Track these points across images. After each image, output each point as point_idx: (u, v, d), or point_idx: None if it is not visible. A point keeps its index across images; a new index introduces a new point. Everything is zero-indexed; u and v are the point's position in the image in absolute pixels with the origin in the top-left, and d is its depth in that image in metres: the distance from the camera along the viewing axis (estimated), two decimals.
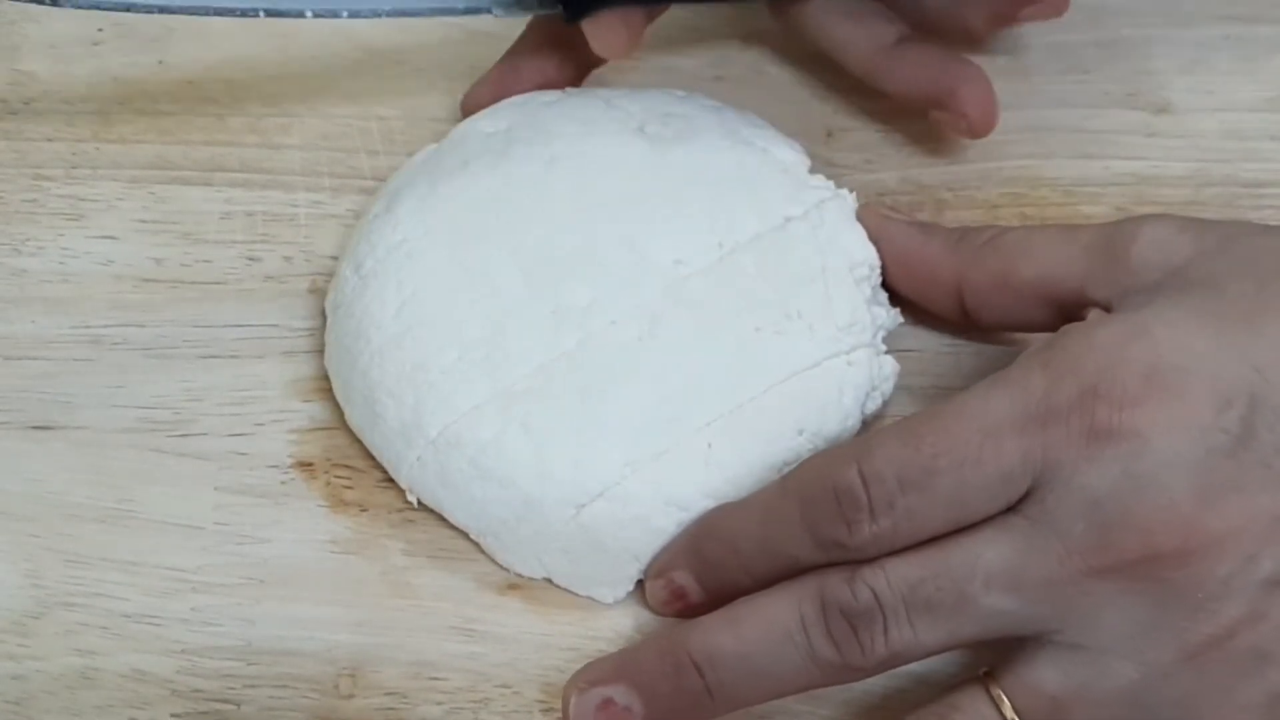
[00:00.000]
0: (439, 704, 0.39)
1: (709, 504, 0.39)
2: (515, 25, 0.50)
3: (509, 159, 0.44)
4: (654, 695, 0.37)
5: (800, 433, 0.40)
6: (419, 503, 0.41)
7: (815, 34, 0.47)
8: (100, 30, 0.50)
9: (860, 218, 0.44)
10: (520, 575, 0.41)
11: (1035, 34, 0.50)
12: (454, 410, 0.40)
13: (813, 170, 0.45)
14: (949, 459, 0.35)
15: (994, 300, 0.42)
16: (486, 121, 0.45)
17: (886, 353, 0.43)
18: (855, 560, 0.36)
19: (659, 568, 0.39)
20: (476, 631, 0.40)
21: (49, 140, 0.47)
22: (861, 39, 0.47)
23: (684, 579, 0.39)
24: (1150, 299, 0.37)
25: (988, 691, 0.36)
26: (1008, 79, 0.49)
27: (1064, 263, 0.40)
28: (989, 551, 0.35)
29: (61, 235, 0.46)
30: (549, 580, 0.40)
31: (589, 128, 0.44)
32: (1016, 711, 0.35)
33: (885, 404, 0.43)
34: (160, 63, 0.49)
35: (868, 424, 0.42)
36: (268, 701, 0.39)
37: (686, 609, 0.39)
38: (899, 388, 0.43)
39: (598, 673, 0.37)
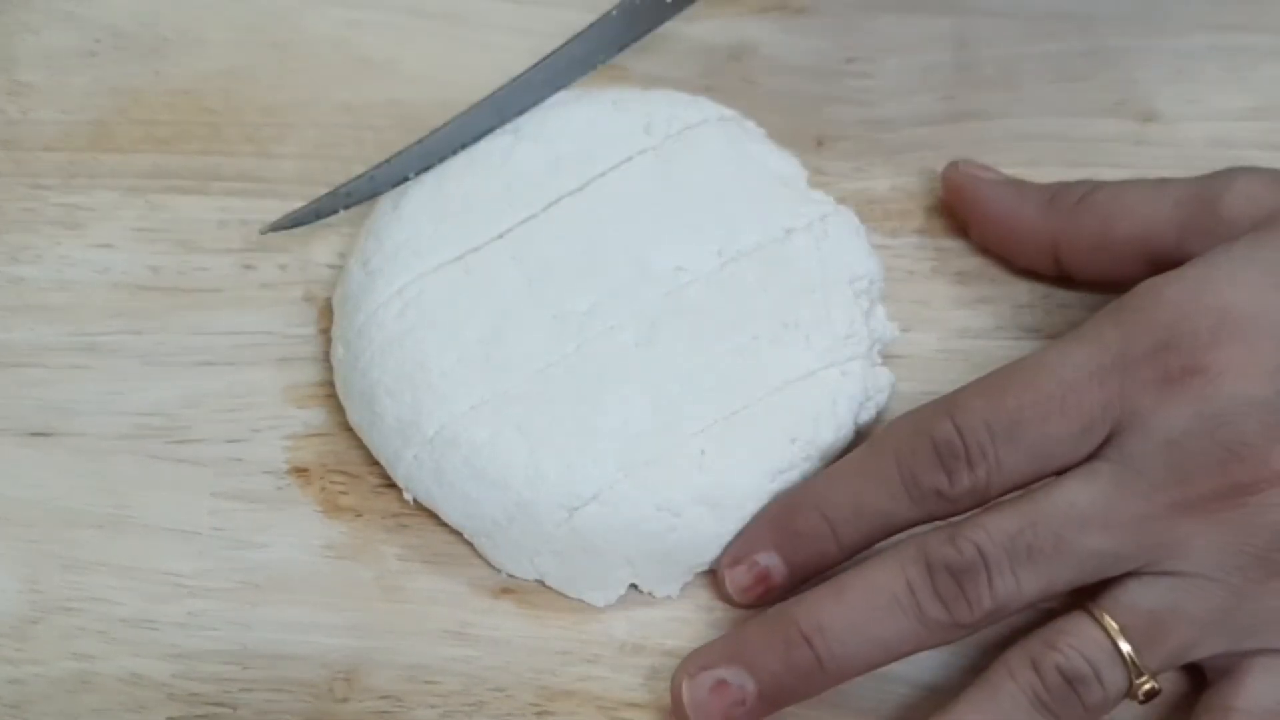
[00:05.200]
0: (433, 707, 0.39)
1: (701, 510, 0.40)
2: (509, 33, 0.50)
3: (515, 158, 0.44)
4: (766, 672, 0.37)
5: (793, 441, 0.41)
6: (414, 502, 0.41)
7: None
8: (97, 41, 0.50)
9: (946, 177, 0.46)
10: (513, 577, 0.41)
11: (1024, 44, 0.50)
12: (451, 411, 0.40)
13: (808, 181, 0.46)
14: (1034, 411, 0.37)
15: (1091, 260, 0.43)
16: None
17: (882, 364, 0.43)
18: (948, 513, 0.37)
19: (738, 553, 0.40)
20: (470, 635, 0.40)
21: (46, 150, 0.48)
22: None
23: (769, 559, 0.39)
24: (1227, 252, 0.39)
25: (1090, 614, 0.37)
26: (997, 88, 0.50)
27: (1158, 219, 0.41)
28: (1080, 496, 0.37)
29: (59, 244, 0.46)
30: (541, 582, 0.41)
31: (595, 127, 0.45)
32: (1120, 629, 0.37)
33: (880, 414, 0.43)
34: (157, 73, 0.49)
35: (861, 434, 0.42)
36: (263, 705, 0.39)
37: (768, 593, 0.39)
38: (892, 394, 0.43)
39: (707, 657, 0.38)
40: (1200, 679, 0.39)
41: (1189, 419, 0.37)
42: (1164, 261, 0.40)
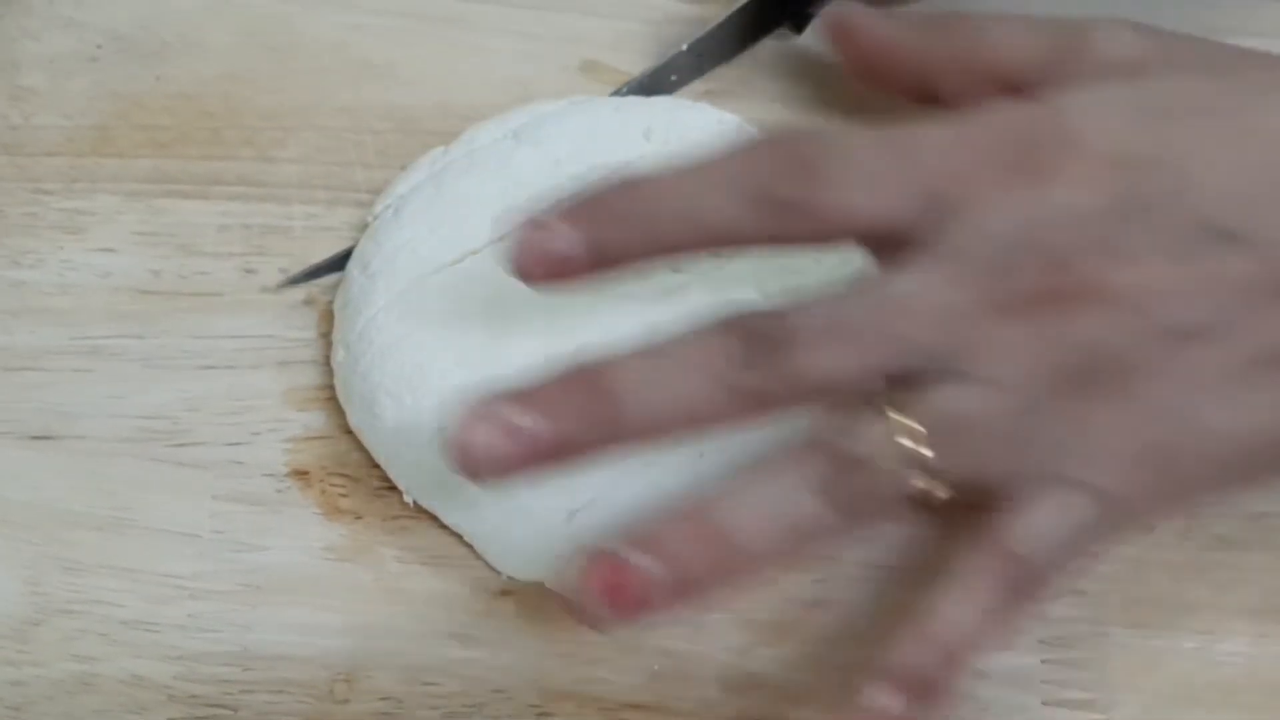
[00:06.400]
0: (434, 708, 0.39)
1: None
2: (507, 37, 0.51)
3: (515, 163, 0.44)
4: (562, 419, 0.36)
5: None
6: (415, 504, 0.41)
7: None
8: (99, 46, 0.50)
9: (824, 18, 0.46)
10: (513, 579, 0.41)
11: None
12: (451, 413, 0.40)
13: None
14: (902, 149, 0.37)
15: (959, 80, 0.44)
16: (494, 126, 0.46)
17: None
18: (793, 235, 0.37)
19: (536, 219, 0.37)
20: (471, 636, 0.40)
21: (48, 155, 0.48)
22: None
23: (568, 231, 0.37)
24: (1085, 86, 0.39)
25: (883, 411, 0.36)
26: None
27: (1026, 49, 0.42)
28: (897, 281, 0.37)
29: (61, 248, 0.46)
30: (542, 584, 0.41)
31: (595, 132, 0.45)
32: (911, 425, 0.36)
33: None
34: (158, 78, 0.50)
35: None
36: (264, 706, 0.39)
37: (556, 265, 0.37)
38: None
39: (500, 403, 0.36)
40: None
41: (1019, 220, 0.37)
42: (1028, 90, 0.41)
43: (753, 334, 0.36)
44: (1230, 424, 0.37)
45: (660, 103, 0.47)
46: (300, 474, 0.42)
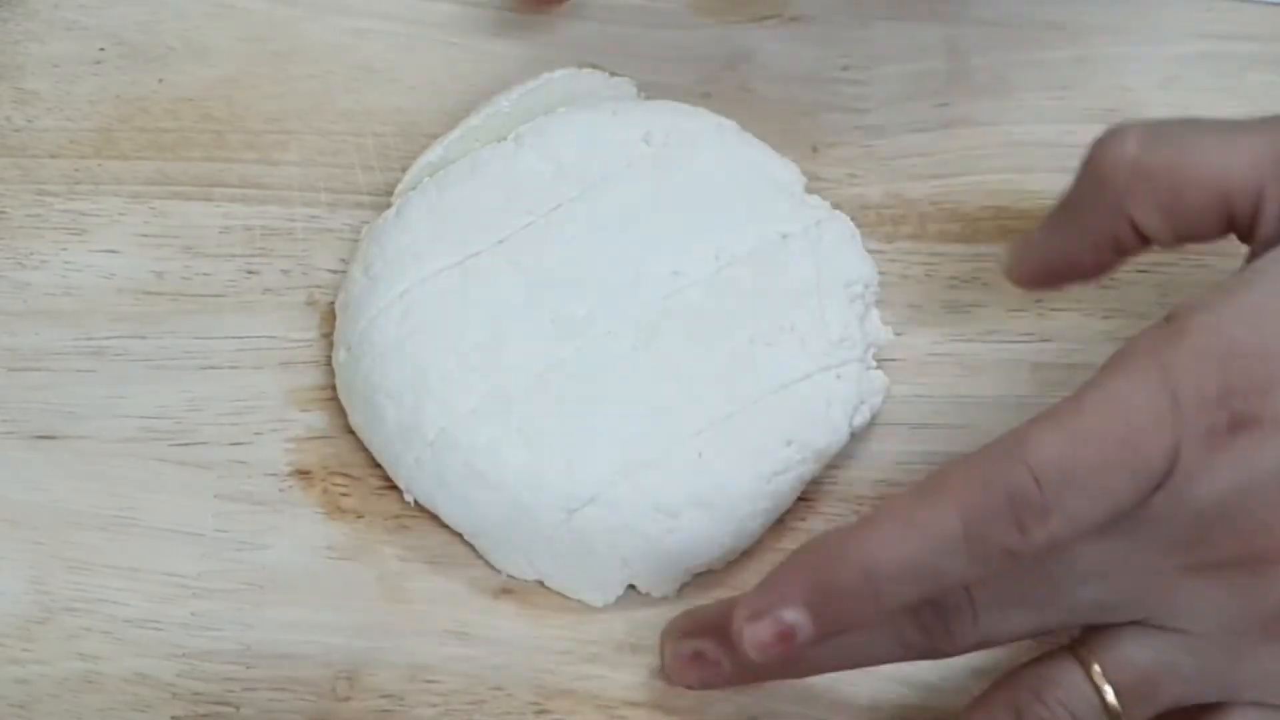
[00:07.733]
0: (434, 706, 0.40)
1: (697, 512, 0.40)
2: (507, 42, 0.51)
3: (516, 166, 0.45)
4: (825, 615, 0.34)
5: (789, 444, 0.41)
6: (415, 503, 0.42)
7: None
8: (102, 50, 0.50)
9: (1013, 280, 0.42)
10: (513, 578, 0.41)
11: (1016, 52, 0.50)
12: (451, 414, 0.41)
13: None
14: (1103, 456, 0.33)
15: (1168, 223, 0.38)
16: (492, 105, 0.47)
17: (876, 367, 0.44)
18: (1008, 573, 0.34)
19: (760, 605, 0.34)
20: (471, 635, 0.41)
21: (52, 157, 0.48)
22: None
23: (796, 617, 0.34)
24: None
25: (1079, 662, 0.36)
26: (989, 95, 0.50)
27: (1239, 162, 0.37)
28: (1086, 546, 0.34)
29: (64, 249, 0.46)
30: (541, 583, 0.41)
31: (595, 137, 0.45)
32: (1112, 685, 0.35)
33: (875, 417, 0.43)
34: (161, 81, 0.50)
35: (855, 436, 0.43)
36: (266, 704, 0.39)
37: (787, 654, 0.34)
38: (886, 397, 0.44)
39: (692, 623, 0.39)
40: None
41: (1224, 488, 0.34)
42: (1242, 211, 0.36)
43: (928, 604, 0.35)
44: None
45: (659, 106, 0.47)
46: (302, 474, 0.43)
